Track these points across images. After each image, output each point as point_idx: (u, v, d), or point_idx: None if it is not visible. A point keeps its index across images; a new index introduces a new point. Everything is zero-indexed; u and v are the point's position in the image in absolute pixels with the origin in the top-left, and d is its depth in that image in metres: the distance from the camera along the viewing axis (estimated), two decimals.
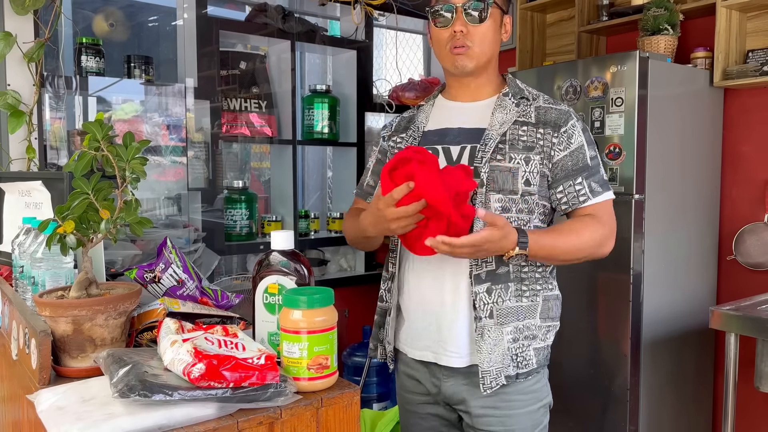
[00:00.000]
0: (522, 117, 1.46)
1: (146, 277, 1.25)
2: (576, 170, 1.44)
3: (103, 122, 1.05)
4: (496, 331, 1.41)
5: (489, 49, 1.48)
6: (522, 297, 1.44)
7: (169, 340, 0.95)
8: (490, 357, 1.41)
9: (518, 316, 1.44)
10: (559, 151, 1.44)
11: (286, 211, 2.93)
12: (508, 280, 1.43)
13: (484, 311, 1.41)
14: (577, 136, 1.45)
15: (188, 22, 2.61)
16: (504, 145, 1.44)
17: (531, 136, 1.45)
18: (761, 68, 2.42)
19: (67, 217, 1.05)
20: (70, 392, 0.93)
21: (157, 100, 2.60)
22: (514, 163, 1.42)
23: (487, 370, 1.41)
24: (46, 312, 1.04)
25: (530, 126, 1.45)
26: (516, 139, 1.44)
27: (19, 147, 2.12)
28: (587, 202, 1.44)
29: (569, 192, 1.45)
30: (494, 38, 1.48)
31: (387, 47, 3.59)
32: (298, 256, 1.12)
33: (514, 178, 1.42)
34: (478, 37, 1.45)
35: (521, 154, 1.43)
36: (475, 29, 1.44)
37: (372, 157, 1.70)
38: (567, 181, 1.44)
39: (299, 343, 0.98)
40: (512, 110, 1.47)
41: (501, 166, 1.42)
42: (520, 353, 1.44)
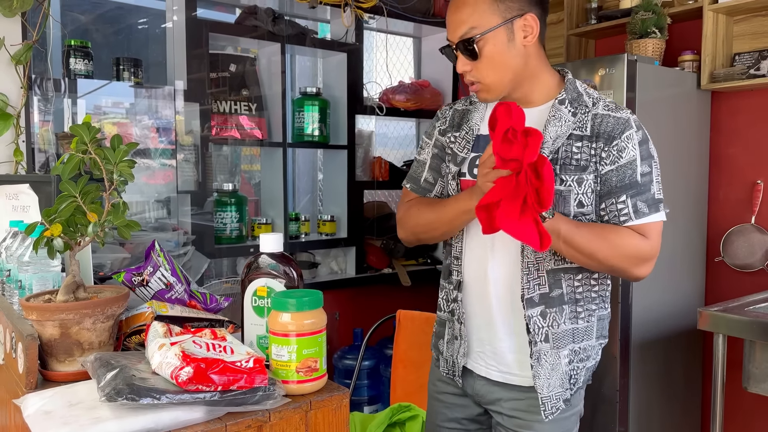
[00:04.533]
0: (578, 129, 1.34)
1: (134, 281, 1.24)
2: (621, 187, 1.32)
3: (91, 125, 1.05)
4: (553, 356, 1.37)
5: (503, 71, 1.34)
6: (578, 319, 1.39)
7: (157, 344, 0.95)
8: (549, 382, 1.37)
9: (574, 339, 1.39)
10: (605, 165, 1.32)
11: (276, 213, 2.92)
12: (562, 303, 1.37)
13: (539, 335, 1.36)
14: (630, 150, 1.31)
15: (177, 25, 2.60)
16: (555, 165, 1.32)
17: (585, 152, 1.33)
18: (748, 71, 2.44)
19: (55, 220, 1.04)
20: (57, 396, 0.93)
21: (146, 102, 2.59)
22: (566, 185, 1.32)
23: (547, 395, 1.37)
24: (33, 316, 1.03)
25: (585, 140, 1.33)
26: (569, 157, 1.32)
27: (7, 150, 2.11)
28: (628, 222, 1.32)
29: (611, 210, 1.33)
30: (504, 58, 1.33)
31: (377, 50, 3.59)
32: (288, 259, 1.12)
33: (566, 202, 1.32)
34: (483, 70, 1.34)
35: (573, 176, 1.32)
36: (477, 63, 1.33)
37: (426, 150, 1.54)
38: (610, 198, 1.33)
39: (288, 346, 0.98)
40: (568, 121, 1.34)
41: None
42: (574, 375, 1.40)
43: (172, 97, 2.57)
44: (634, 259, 1.33)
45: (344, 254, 3.18)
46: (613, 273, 1.38)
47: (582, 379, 1.43)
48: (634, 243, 1.32)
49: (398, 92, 3.24)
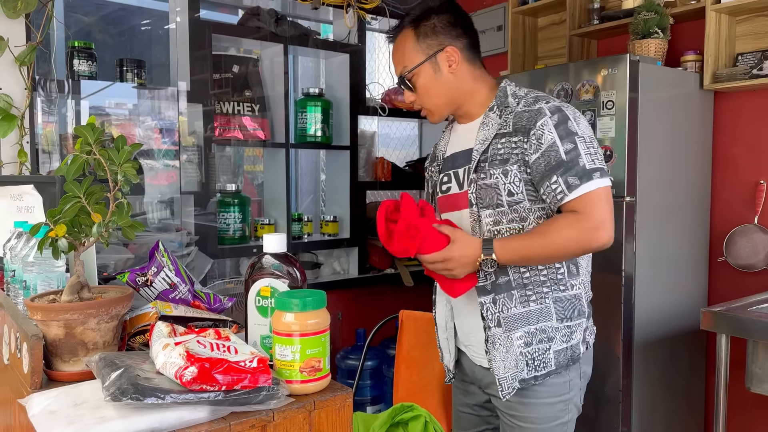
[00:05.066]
0: (502, 128, 1.49)
1: (138, 281, 1.25)
2: (550, 169, 1.42)
3: (95, 126, 1.05)
4: (506, 339, 1.48)
5: (437, 97, 1.55)
6: (528, 302, 1.48)
7: (161, 344, 0.95)
8: (503, 364, 1.48)
9: (528, 321, 1.48)
10: (531, 154, 1.44)
11: (279, 214, 2.93)
12: (510, 288, 1.48)
13: (492, 321, 1.49)
14: (547, 135, 1.42)
15: (181, 26, 2.61)
16: (485, 163, 1.49)
17: (507, 147, 1.47)
18: (750, 71, 2.44)
19: (59, 220, 1.05)
20: (61, 396, 0.93)
21: (149, 103, 2.60)
22: (493, 178, 1.47)
23: (503, 376, 1.49)
24: (37, 316, 1.03)
25: (507, 136, 1.48)
26: (495, 154, 1.48)
27: (11, 151, 2.12)
28: (565, 198, 1.41)
29: (548, 192, 1.44)
30: (438, 86, 1.54)
31: (380, 51, 3.60)
32: (291, 259, 1.12)
33: (497, 193, 1.47)
34: (424, 97, 1.56)
35: (498, 169, 1.46)
36: (416, 94, 1.57)
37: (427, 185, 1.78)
38: (544, 181, 1.43)
39: (292, 346, 0.98)
40: (494, 124, 1.50)
41: (484, 184, 1.48)
42: (537, 357, 1.48)
43: (175, 98, 2.58)
44: (583, 241, 1.41)
45: (347, 255, 3.18)
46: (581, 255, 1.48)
47: (552, 362, 1.48)
48: (570, 229, 1.40)
49: (401, 93, 3.24)
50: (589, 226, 1.40)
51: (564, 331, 1.49)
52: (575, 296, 1.52)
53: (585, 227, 1.40)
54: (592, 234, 1.40)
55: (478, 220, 1.49)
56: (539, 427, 1.51)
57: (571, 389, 1.53)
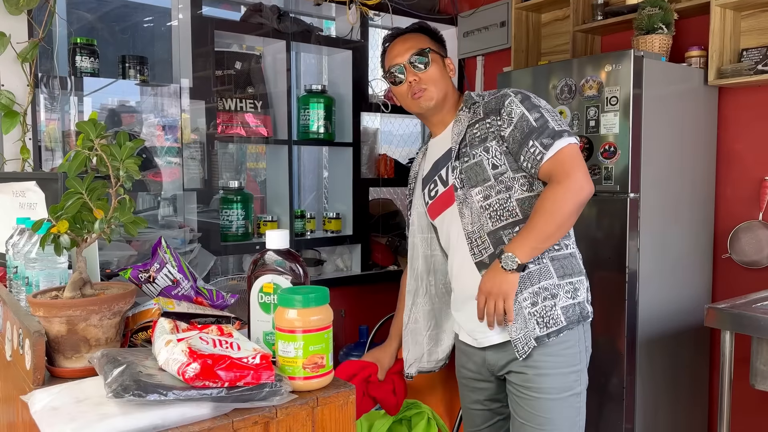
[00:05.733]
0: (473, 118, 1.68)
1: (141, 277, 1.24)
2: (524, 137, 1.58)
3: (97, 121, 1.05)
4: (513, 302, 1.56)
5: (442, 86, 1.72)
6: (527, 264, 1.56)
7: (164, 340, 0.94)
8: (515, 326, 1.58)
9: (531, 281, 1.58)
10: (506, 129, 1.61)
11: (282, 211, 2.92)
12: None
13: None
14: (516, 109, 1.61)
15: (183, 23, 2.60)
16: (465, 147, 1.66)
17: (482, 129, 1.65)
18: (755, 67, 2.43)
19: (61, 217, 1.04)
20: (64, 393, 0.93)
21: (152, 100, 2.60)
22: (477, 157, 1.64)
23: (516, 338, 1.59)
24: (40, 312, 1.03)
25: (480, 122, 1.66)
26: (473, 137, 1.66)
27: (14, 147, 2.12)
28: (544, 158, 1.55)
29: (528, 157, 1.58)
30: (443, 76, 1.72)
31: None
32: (294, 256, 1.12)
33: (482, 169, 1.63)
34: (430, 80, 1.70)
35: (479, 147, 1.64)
36: (424, 74, 1.70)
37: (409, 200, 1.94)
38: (522, 148, 1.59)
39: (294, 343, 0.98)
40: (465, 118, 1.70)
41: (468, 164, 1.64)
42: (546, 314, 1.58)
43: (177, 95, 2.58)
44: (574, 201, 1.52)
45: (350, 251, 3.18)
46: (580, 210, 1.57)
47: (562, 318, 1.59)
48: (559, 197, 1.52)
49: None
50: (574, 187, 1.53)
51: (567, 287, 1.61)
52: (570, 255, 1.65)
53: (571, 188, 1.53)
54: (578, 189, 1.53)
55: (465, 201, 1.63)
56: (555, 397, 1.60)
57: (581, 360, 1.64)
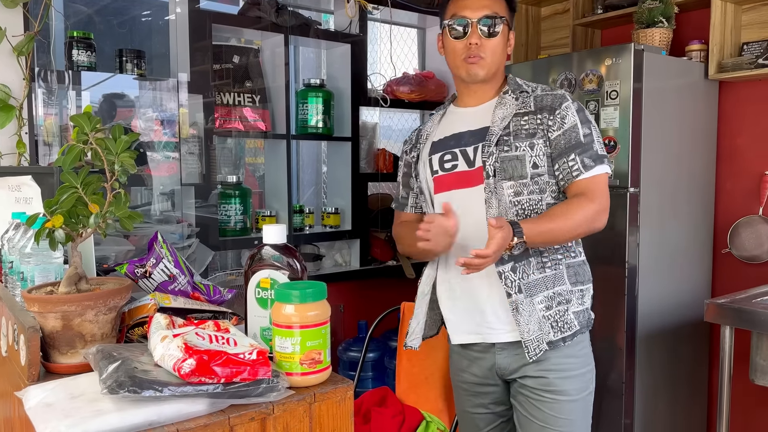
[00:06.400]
0: (522, 108, 1.60)
1: (137, 272, 1.23)
2: (569, 147, 1.55)
3: (92, 115, 1.04)
4: (528, 303, 1.55)
5: (499, 60, 1.63)
6: (545, 268, 1.57)
7: (160, 336, 0.94)
8: (528, 327, 1.55)
9: (546, 286, 1.56)
10: (554, 131, 1.56)
11: (280, 206, 2.91)
12: (528, 256, 1.56)
13: (513, 287, 1.55)
14: (571, 117, 1.56)
15: (181, 17, 2.58)
16: (508, 136, 1.57)
17: (532, 123, 1.58)
18: (756, 61, 2.41)
19: (56, 211, 1.03)
20: (58, 389, 0.92)
21: (150, 95, 2.58)
22: (520, 150, 1.56)
23: (528, 339, 1.55)
24: (35, 308, 1.02)
25: (530, 115, 1.59)
26: (519, 129, 1.58)
27: (10, 142, 2.10)
28: (580, 176, 1.54)
29: (564, 168, 1.56)
30: (503, 51, 1.64)
31: (381, 41, 3.57)
32: (291, 251, 1.11)
33: (522, 164, 1.56)
34: (490, 49, 1.61)
35: (525, 141, 1.56)
36: (487, 42, 1.60)
37: (400, 171, 1.85)
38: (562, 158, 1.56)
39: (292, 338, 0.97)
40: (512, 104, 1.61)
41: (509, 156, 1.56)
42: (560, 318, 1.57)
43: (175, 90, 2.56)
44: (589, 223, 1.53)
45: (348, 246, 3.17)
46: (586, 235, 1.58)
47: (575, 322, 1.58)
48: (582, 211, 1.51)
49: (402, 84, 3.22)
50: (596, 209, 1.53)
51: (577, 294, 1.60)
52: (583, 262, 1.65)
53: (594, 209, 1.53)
54: (598, 217, 1.55)
55: (495, 191, 1.56)
56: (576, 398, 1.59)
57: (592, 359, 1.65)
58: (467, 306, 1.65)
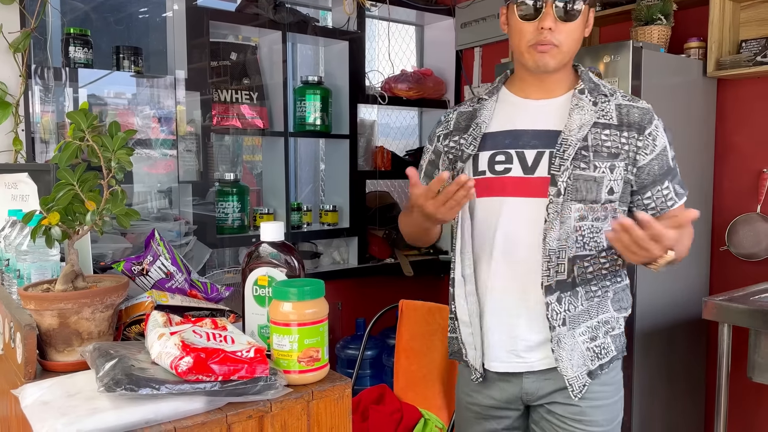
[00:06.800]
0: (602, 118, 1.37)
1: (134, 270, 1.23)
2: (662, 174, 1.39)
3: (88, 112, 1.03)
4: (570, 337, 1.39)
5: (574, 47, 1.38)
6: (594, 297, 1.41)
7: (157, 333, 0.93)
8: (571, 363, 1.39)
9: (590, 315, 1.41)
10: (645, 155, 1.37)
11: (278, 203, 2.91)
12: (575, 285, 1.39)
13: (557, 320, 1.38)
14: (661, 137, 1.39)
15: (178, 13, 2.58)
16: (587, 151, 1.34)
17: (615, 140, 1.36)
18: (755, 58, 2.41)
19: (52, 208, 1.03)
20: (55, 387, 0.92)
21: (147, 92, 2.57)
22: (599, 171, 1.35)
23: (572, 376, 1.39)
24: (31, 305, 1.02)
25: (613, 129, 1.37)
26: (599, 144, 1.35)
27: (6, 139, 2.10)
28: (675, 206, 1.41)
29: (657, 197, 1.40)
30: (580, 36, 1.38)
31: (379, 38, 3.56)
32: (289, 248, 1.10)
33: (599, 188, 1.35)
34: (566, 35, 1.35)
35: (606, 162, 1.35)
36: (563, 26, 1.34)
37: (425, 157, 1.59)
38: (655, 186, 1.40)
39: (289, 336, 0.97)
40: (590, 110, 1.38)
41: (585, 175, 1.34)
42: (600, 346, 1.42)
43: (173, 87, 2.55)
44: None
45: (346, 244, 3.17)
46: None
47: (612, 347, 1.44)
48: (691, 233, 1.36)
49: (400, 81, 3.21)
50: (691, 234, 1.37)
51: (620, 320, 1.47)
52: (626, 285, 1.50)
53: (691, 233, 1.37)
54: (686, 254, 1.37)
55: (561, 212, 1.34)
56: (606, 429, 1.45)
57: (622, 385, 1.51)
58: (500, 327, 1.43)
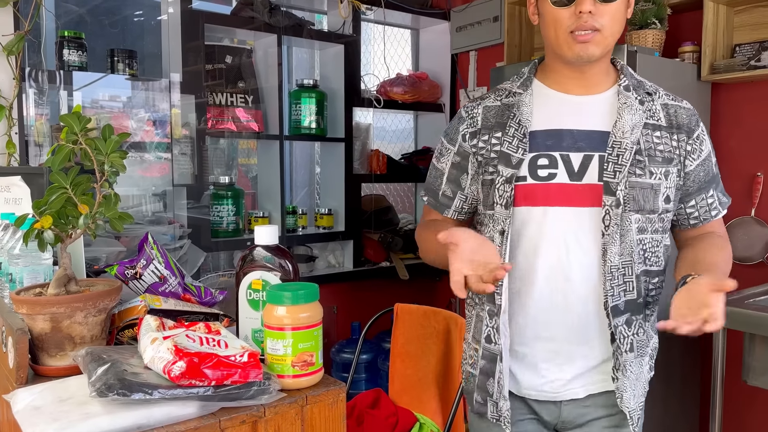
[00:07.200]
0: (651, 118, 1.23)
1: (127, 274, 1.22)
2: (708, 181, 1.28)
3: (81, 115, 1.03)
4: (637, 365, 1.24)
5: (618, 30, 1.20)
6: (649, 319, 1.29)
7: (150, 338, 0.93)
8: (633, 392, 1.24)
9: (649, 344, 1.29)
10: (693, 161, 1.25)
11: (273, 207, 2.90)
12: (642, 307, 1.25)
13: (625, 345, 1.22)
14: (707, 141, 1.28)
15: (173, 17, 2.57)
16: (642, 156, 1.20)
17: (667, 144, 1.23)
18: (748, 62, 2.42)
19: (45, 212, 1.02)
20: (47, 392, 0.91)
21: (142, 95, 2.57)
22: (655, 178, 1.21)
23: (633, 408, 1.25)
24: (23, 309, 1.01)
25: (663, 131, 1.23)
26: (653, 148, 1.21)
27: None
28: (719, 215, 1.30)
29: (701, 206, 1.28)
30: (623, 17, 1.21)
31: (375, 42, 3.57)
32: (283, 252, 1.10)
33: (656, 196, 1.21)
34: (609, 18, 1.17)
35: (661, 168, 1.22)
36: (605, 8, 1.16)
37: (445, 159, 1.33)
38: (700, 194, 1.28)
39: (283, 340, 0.96)
40: (638, 110, 1.23)
41: (641, 183, 1.20)
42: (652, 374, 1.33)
43: (167, 90, 2.55)
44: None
45: (342, 248, 3.16)
46: None
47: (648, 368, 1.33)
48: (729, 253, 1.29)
49: (396, 84, 3.21)
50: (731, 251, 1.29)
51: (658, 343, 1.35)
52: None
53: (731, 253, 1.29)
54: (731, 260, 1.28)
55: (622, 223, 1.19)
56: None
57: None
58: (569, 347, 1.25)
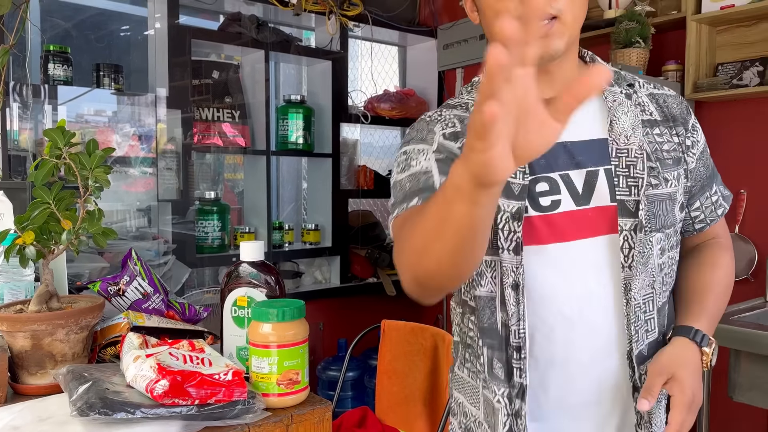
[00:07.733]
0: (644, 114, 1.01)
1: (110, 290, 1.21)
2: (709, 176, 1.08)
3: (66, 129, 1.02)
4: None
5: (582, 14, 0.96)
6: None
7: (132, 356, 0.91)
8: None
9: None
10: (693, 156, 1.04)
11: (259, 222, 2.89)
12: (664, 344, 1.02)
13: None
14: (700, 132, 1.06)
15: (160, 32, 2.57)
16: (653, 161, 0.98)
17: (670, 141, 1.01)
18: (731, 81, 2.46)
19: (27, 227, 1.01)
20: (26, 411, 0.89)
21: (128, 110, 2.55)
22: (671, 185, 0.99)
23: None
24: (3, 326, 0.99)
25: (661, 126, 1.01)
26: (659, 150, 1.00)
27: None
28: (724, 212, 1.11)
29: (706, 206, 1.08)
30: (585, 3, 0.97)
31: (362, 58, 3.58)
32: (269, 268, 1.09)
33: (673, 206, 1.00)
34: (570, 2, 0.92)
35: (674, 171, 1.00)
36: None
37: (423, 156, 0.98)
38: (703, 192, 1.07)
39: (269, 358, 0.95)
40: (627, 104, 1.00)
41: (661, 194, 0.98)
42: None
43: (153, 105, 2.54)
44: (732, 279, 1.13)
45: (329, 264, 3.15)
46: None
47: None
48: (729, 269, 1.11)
49: (383, 101, 3.23)
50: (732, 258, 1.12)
51: None
52: None
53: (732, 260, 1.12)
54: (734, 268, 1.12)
55: (643, 251, 0.96)
56: None
57: None
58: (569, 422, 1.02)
